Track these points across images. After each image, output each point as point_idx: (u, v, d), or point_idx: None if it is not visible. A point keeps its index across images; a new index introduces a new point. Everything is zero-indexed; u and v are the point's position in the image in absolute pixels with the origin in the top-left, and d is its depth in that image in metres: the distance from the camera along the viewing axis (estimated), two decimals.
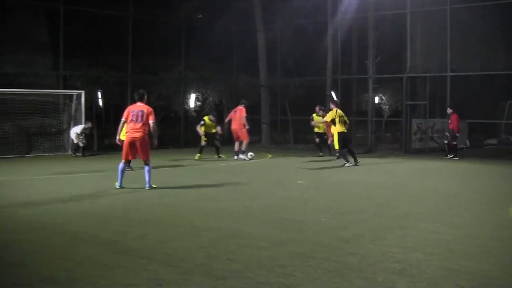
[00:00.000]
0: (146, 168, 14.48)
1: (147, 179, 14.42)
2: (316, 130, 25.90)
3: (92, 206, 12.13)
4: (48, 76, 28.26)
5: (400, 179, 17.74)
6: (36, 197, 13.45)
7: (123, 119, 14.75)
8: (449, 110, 25.15)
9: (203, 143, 23.37)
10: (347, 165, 20.65)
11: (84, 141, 25.41)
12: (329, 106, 22.10)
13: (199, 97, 33.51)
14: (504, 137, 32.39)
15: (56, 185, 15.70)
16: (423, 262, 7.58)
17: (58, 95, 27.57)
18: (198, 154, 23.17)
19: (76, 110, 27.04)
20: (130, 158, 14.74)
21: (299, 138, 34.34)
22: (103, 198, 13.17)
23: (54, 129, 26.33)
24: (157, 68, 32.39)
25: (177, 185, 15.46)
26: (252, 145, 31.70)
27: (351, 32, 32.89)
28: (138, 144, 14.33)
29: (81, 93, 26.93)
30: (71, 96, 27.36)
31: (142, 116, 14.27)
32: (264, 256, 7.86)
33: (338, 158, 22.57)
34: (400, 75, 29.47)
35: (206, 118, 23.86)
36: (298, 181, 16.46)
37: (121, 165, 14.64)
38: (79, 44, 28.61)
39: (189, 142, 30.65)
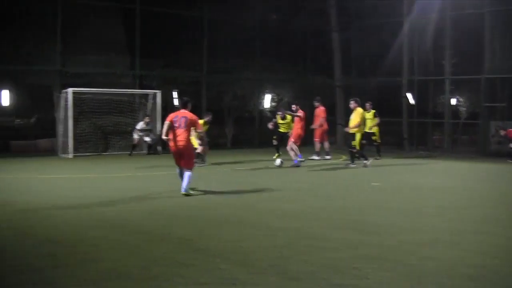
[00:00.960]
0: (187, 173, 13.73)
1: (184, 184, 13.62)
2: (282, 130, 22.49)
3: (167, 205, 12.27)
4: (124, 76, 28.76)
5: (475, 183, 17.37)
6: (114, 195, 13.67)
7: (167, 122, 14.06)
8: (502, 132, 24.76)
9: (274, 142, 22.93)
10: (352, 166, 20.75)
11: (148, 138, 25.70)
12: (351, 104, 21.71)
13: (274, 97, 33.52)
14: None
15: (132, 183, 15.93)
16: (500, 268, 7.40)
17: (134, 94, 28.01)
18: (276, 154, 22.94)
19: (151, 109, 27.38)
20: (177, 164, 14.09)
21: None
22: (179, 197, 13.28)
23: (129, 128, 26.72)
24: (232, 68, 32.54)
25: (252, 185, 15.48)
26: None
27: (427, 32, 32.37)
28: (181, 152, 13.84)
29: (156, 93, 27.28)
30: (146, 95, 27.74)
31: (185, 122, 13.77)
32: (338, 258, 7.80)
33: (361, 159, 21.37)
34: (478, 76, 28.84)
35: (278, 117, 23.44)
36: (373, 183, 16.30)
37: (177, 170, 14.24)
38: (155, 45, 28.99)
39: (264, 142, 30.71)
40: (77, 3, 28.07)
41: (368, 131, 23.27)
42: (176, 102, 28.50)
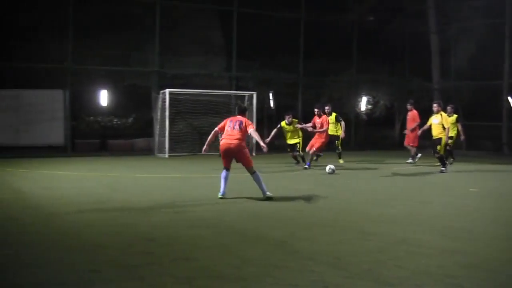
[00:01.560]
0: (253, 177, 13.26)
1: (261, 188, 13.21)
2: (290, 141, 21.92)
3: (260, 206, 12.30)
4: (221, 77, 29.08)
5: None
6: (207, 194, 13.81)
7: (216, 129, 13.82)
8: None
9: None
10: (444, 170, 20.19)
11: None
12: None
13: (370, 100, 33.24)
14: None
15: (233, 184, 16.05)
16: None
17: (230, 95, 28.27)
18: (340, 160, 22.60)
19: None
20: (225, 166, 13.44)
21: (472, 144, 33.22)
22: (272, 199, 13.29)
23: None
24: (328, 70, 32.46)
25: (344, 189, 15.37)
26: (423, 150, 31.07)
27: None
28: (234, 152, 13.22)
29: (252, 94, 27.45)
30: (242, 97, 27.94)
31: (240, 125, 13.27)
32: (432, 264, 7.62)
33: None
34: None
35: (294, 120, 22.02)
36: (470, 189, 15.91)
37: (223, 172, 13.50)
38: (251, 46, 29.20)
39: (360, 145, 30.52)
40: (175, 6, 28.60)
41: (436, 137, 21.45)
42: (272, 103, 28.64)
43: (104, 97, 27.79)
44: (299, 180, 17.40)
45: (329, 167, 19.10)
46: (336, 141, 22.55)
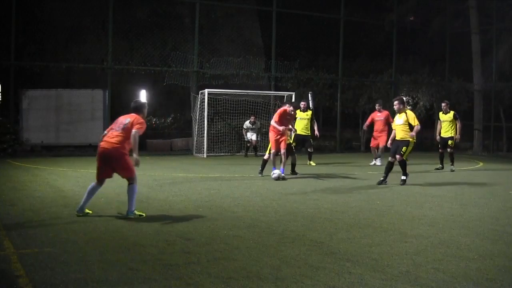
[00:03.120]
0: (129, 187, 10.93)
1: (130, 203, 10.87)
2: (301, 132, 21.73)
3: (298, 206, 12.27)
4: (260, 77, 29.13)
5: None
6: (246, 195, 13.84)
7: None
8: None
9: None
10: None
11: (250, 138, 25.81)
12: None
13: (410, 101, 33.01)
14: None
15: (261, 184, 16.04)
16: None
17: (269, 96, 28.30)
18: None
19: None
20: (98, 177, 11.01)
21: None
22: (311, 200, 13.28)
23: (264, 130, 27.01)
24: (367, 70, 32.33)
25: (383, 190, 15.29)
26: (463, 152, 30.79)
27: None
28: (111, 159, 10.81)
29: (291, 94, 27.43)
30: (281, 97, 27.94)
31: (125, 125, 10.94)
32: (471, 268, 7.55)
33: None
34: None
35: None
36: (511, 191, 15.71)
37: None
38: (290, 46, 29.22)
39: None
40: (214, 5, 28.74)
41: (444, 136, 21.10)
42: (311, 104, 28.54)
43: (143, 97, 28.00)
44: (335, 179, 17.34)
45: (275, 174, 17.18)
46: (309, 141, 22.17)
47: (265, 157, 18.24)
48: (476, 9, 32.94)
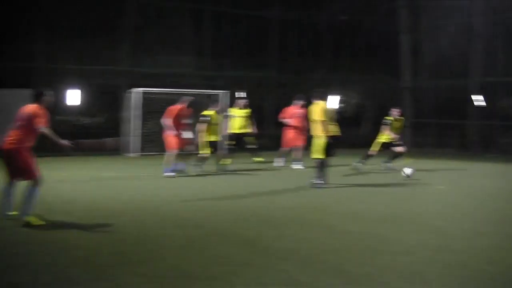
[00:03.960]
0: (29, 189, 10.03)
1: (27, 206, 9.94)
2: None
3: (228, 205, 12.28)
4: (193, 76, 29.04)
5: None
6: (177, 193, 13.81)
7: None
8: None
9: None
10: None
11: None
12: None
13: (343, 98, 33.38)
14: None
15: (195, 182, 16.04)
16: None
17: (202, 94, 28.24)
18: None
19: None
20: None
21: (440, 142, 33.52)
22: (240, 198, 13.30)
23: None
24: (301, 68, 32.56)
25: (309, 186, 15.41)
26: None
27: (497, 33, 31.78)
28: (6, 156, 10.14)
29: (225, 93, 27.39)
30: (215, 95, 27.88)
31: (24, 120, 10.23)
32: (398, 261, 7.77)
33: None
34: None
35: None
36: (437, 186, 16.07)
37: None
38: (224, 45, 29.23)
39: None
40: (147, 4, 28.56)
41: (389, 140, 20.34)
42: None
43: (74, 96, 27.57)
44: (267, 178, 17.42)
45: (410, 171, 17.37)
46: (246, 138, 22.18)
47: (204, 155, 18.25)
48: (406, 8, 33.49)
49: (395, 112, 20.79)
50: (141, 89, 25.46)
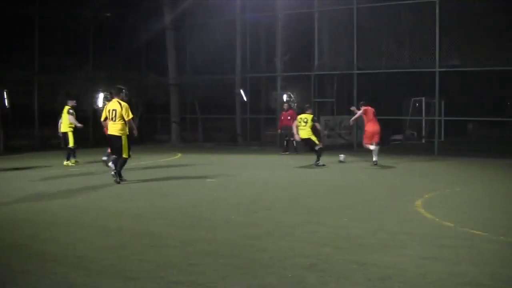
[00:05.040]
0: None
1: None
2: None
3: None
4: None
5: (307, 175, 18.00)
6: None
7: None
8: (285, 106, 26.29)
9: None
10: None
11: None
12: None
13: (108, 96, 33.08)
14: (409, 132, 33.36)
15: None
16: (332, 256, 7.74)
17: None
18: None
19: None
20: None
21: (208, 136, 34.34)
22: (8, 202, 12.83)
23: None
24: (65, 67, 31.83)
25: (83, 186, 15.21)
26: (162, 144, 31.66)
27: (259, 30, 33.13)
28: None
29: None
30: None
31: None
32: (175, 255, 7.88)
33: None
34: (308, 73, 29.88)
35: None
36: (208, 179, 16.49)
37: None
38: None
39: (98, 142, 30.28)
40: None
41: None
42: (6, 102, 27.52)
43: None
44: (33, 180, 16.94)
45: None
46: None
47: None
48: (169, 6, 33.87)
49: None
50: None
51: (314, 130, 20.84)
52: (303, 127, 20.82)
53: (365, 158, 22.41)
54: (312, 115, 21.11)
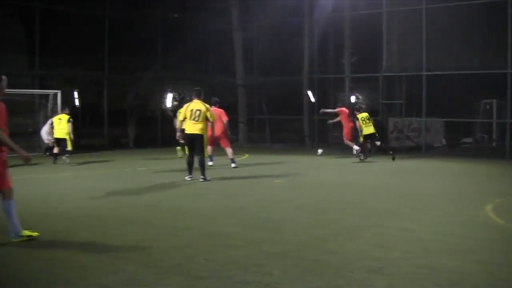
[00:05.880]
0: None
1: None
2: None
3: (69, 206, 12.02)
4: (24, 75, 28.09)
5: (375, 178, 17.80)
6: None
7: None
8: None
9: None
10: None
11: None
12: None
13: (176, 96, 33.44)
14: (479, 135, 32.71)
15: (37, 185, 15.59)
16: (400, 260, 7.63)
17: (34, 94, 27.39)
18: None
19: (52, 110, 26.75)
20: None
21: (275, 137, 34.33)
22: (78, 199, 13.04)
23: (30, 129, 26.12)
24: (133, 67, 32.29)
25: (154, 185, 15.38)
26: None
27: (327, 31, 32.96)
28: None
29: (57, 92, 26.72)
30: (47, 96, 27.14)
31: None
32: (242, 255, 7.87)
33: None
34: (376, 75, 29.60)
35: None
36: (275, 180, 16.47)
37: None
38: (55, 44, 28.45)
39: (167, 142, 30.63)
40: None
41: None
42: (77, 102, 28.00)
43: None
44: (108, 179, 17.21)
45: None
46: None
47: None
48: (237, 7, 34.01)
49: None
50: None
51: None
52: (368, 124, 22.85)
53: (435, 161, 22.09)
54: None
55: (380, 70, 29.37)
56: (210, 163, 19.68)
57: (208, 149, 18.10)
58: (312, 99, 31.55)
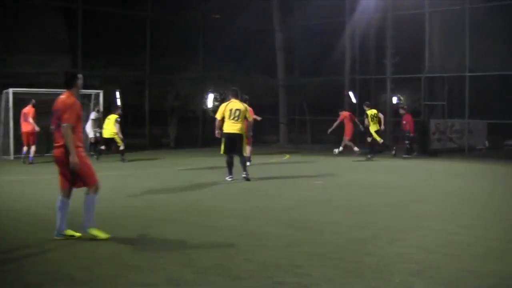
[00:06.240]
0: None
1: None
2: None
3: (107, 205, 12.08)
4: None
5: (416, 179, 17.65)
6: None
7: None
8: (401, 111, 25.61)
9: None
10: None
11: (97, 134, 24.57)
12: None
13: (217, 97, 33.52)
14: None
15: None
16: (441, 263, 7.55)
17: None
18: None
19: (93, 109, 26.98)
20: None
21: (316, 138, 34.24)
22: (119, 199, 13.13)
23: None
24: (175, 67, 32.47)
25: (194, 185, 15.44)
26: (270, 145, 31.73)
27: (369, 32, 32.78)
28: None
29: (99, 92, 26.95)
30: (89, 95, 27.38)
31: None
32: (280, 256, 7.86)
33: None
34: (418, 75, 29.35)
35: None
36: (316, 181, 16.43)
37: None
38: (97, 44, 28.75)
39: (207, 142, 30.74)
40: (18, 2, 27.70)
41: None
42: (118, 102, 28.22)
43: None
44: (149, 178, 17.33)
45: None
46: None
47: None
48: (278, 7, 34.04)
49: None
50: (13, 90, 24.60)
51: None
52: (375, 121, 23.96)
53: (478, 163, 21.84)
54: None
55: (422, 71, 29.11)
56: (248, 163, 19.59)
57: (247, 149, 18.10)
58: (354, 100, 31.39)
